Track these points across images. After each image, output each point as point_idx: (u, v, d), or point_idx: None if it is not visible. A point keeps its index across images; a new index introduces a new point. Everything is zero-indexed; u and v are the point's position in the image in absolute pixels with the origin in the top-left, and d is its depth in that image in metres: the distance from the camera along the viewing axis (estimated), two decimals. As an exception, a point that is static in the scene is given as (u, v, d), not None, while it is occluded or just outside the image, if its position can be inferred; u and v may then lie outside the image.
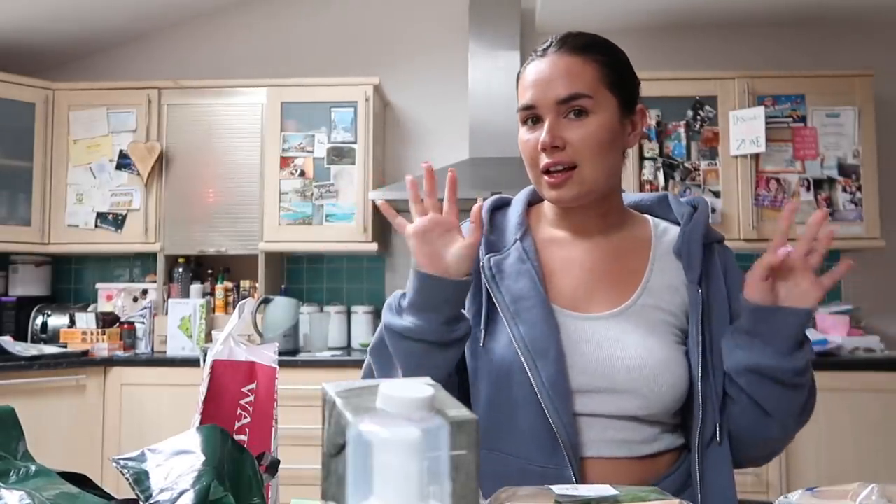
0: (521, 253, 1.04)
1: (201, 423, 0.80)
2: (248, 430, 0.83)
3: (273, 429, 0.83)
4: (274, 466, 0.71)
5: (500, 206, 1.15)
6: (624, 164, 1.07)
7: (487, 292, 1.04)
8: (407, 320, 0.96)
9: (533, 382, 0.97)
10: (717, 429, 0.99)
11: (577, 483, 0.94)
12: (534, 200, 1.14)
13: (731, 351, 0.98)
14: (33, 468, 0.64)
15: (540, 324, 0.98)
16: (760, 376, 0.95)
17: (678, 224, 1.08)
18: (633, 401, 0.97)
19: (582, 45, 1.01)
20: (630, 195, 1.16)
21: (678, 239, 1.05)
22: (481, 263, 1.05)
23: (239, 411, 0.83)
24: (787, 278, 0.94)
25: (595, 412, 0.98)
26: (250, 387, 0.84)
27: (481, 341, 1.03)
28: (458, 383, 1.08)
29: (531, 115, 1.01)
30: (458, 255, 0.95)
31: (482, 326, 1.03)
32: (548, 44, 1.03)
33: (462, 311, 1.00)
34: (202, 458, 0.61)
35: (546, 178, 1.00)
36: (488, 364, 1.03)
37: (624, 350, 0.98)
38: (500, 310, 1.01)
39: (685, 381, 1.00)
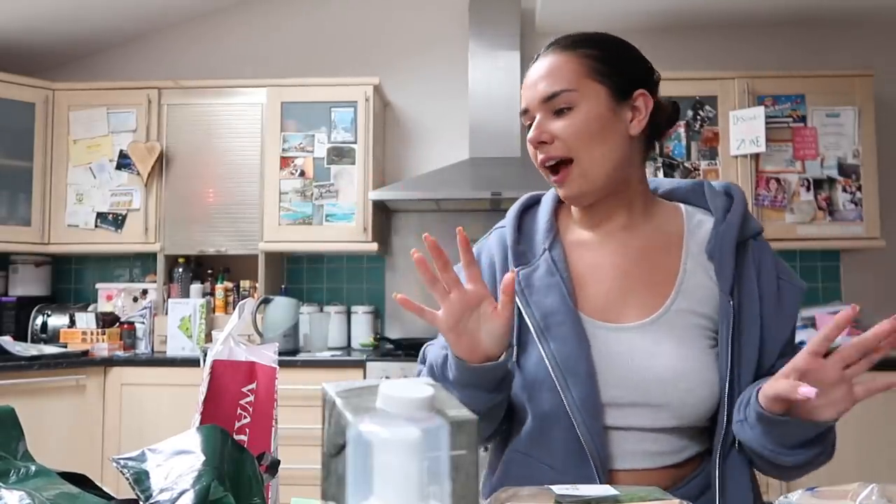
0: (549, 265, 1.02)
1: (201, 422, 0.80)
2: (248, 430, 0.83)
3: (273, 429, 0.83)
4: (274, 466, 0.71)
5: (530, 206, 1.13)
6: (652, 151, 1.07)
7: (518, 307, 1.01)
8: (454, 392, 0.93)
9: (564, 399, 0.96)
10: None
11: None
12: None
13: (735, 415, 0.95)
14: (33, 468, 0.64)
15: (570, 340, 0.97)
16: (757, 456, 0.94)
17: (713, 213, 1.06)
18: (667, 413, 0.96)
19: (569, 42, 1.02)
20: (665, 181, 1.14)
21: (711, 240, 1.02)
22: (514, 279, 1.03)
23: (239, 411, 0.83)
24: (818, 382, 0.82)
25: (628, 425, 0.97)
26: (250, 387, 0.84)
27: (514, 356, 1.02)
28: None
29: (528, 118, 1.02)
30: (494, 336, 0.91)
31: (514, 342, 1.01)
32: (543, 51, 1.04)
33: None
34: (202, 458, 0.61)
35: (551, 176, 1.01)
36: (521, 379, 1.02)
37: (657, 361, 0.96)
38: (530, 326, 1.00)
39: (718, 390, 0.97)
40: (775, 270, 1.01)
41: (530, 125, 1.02)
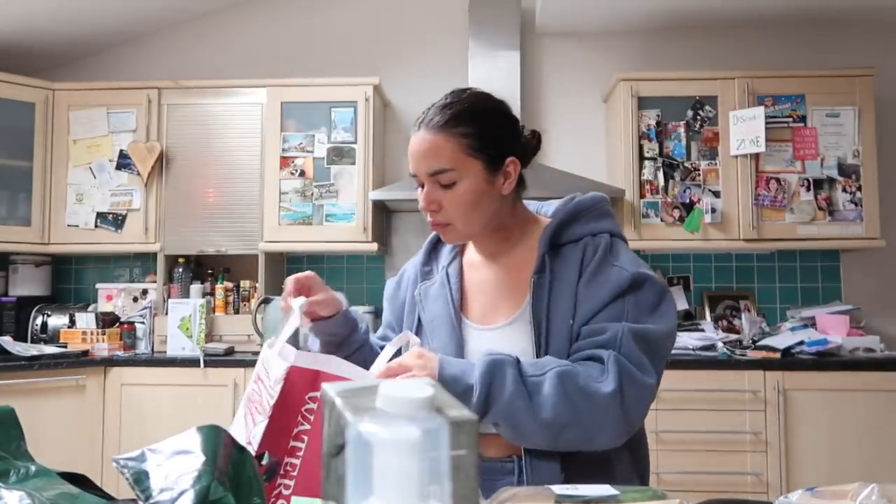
0: (443, 279, 1.27)
1: (268, 427, 0.81)
2: (305, 436, 0.83)
3: None
4: (272, 469, 0.71)
5: None
6: (517, 196, 1.24)
7: (418, 312, 1.29)
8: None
9: None
10: None
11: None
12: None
13: None
14: (33, 468, 0.64)
15: (447, 339, 1.21)
16: None
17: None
18: None
19: (442, 122, 1.15)
20: (552, 204, 1.29)
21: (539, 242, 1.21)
22: (417, 292, 1.30)
23: (299, 418, 0.84)
24: None
25: None
26: (314, 394, 0.85)
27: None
28: None
29: (418, 181, 1.19)
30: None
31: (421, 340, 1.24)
32: (421, 118, 1.20)
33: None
34: (202, 458, 0.62)
35: (435, 227, 1.22)
36: None
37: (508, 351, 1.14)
38: (424, 326, 1.26)
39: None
40: (607, 258, 1.17)
41: (422, 184, 1.19)
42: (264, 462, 0.69)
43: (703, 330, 3.17)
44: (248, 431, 0.83)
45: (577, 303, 1.14)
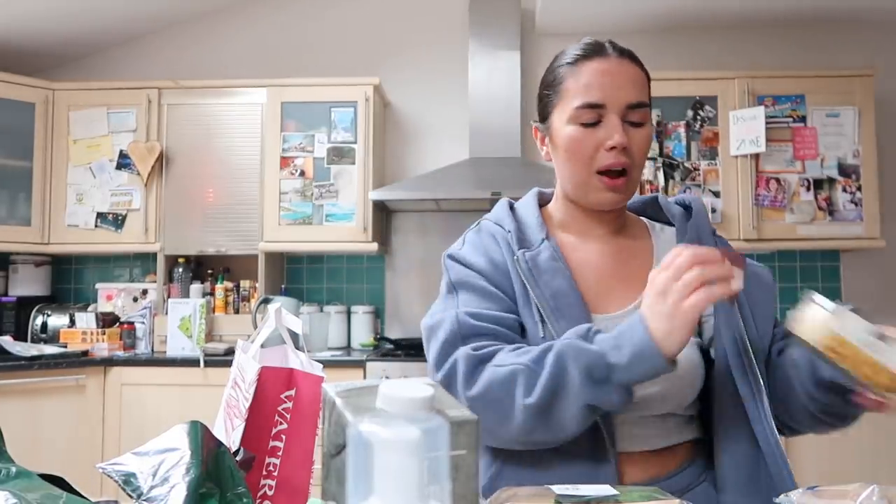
0: (552, 251, 1.04)
1: (246, 429, 0.81)
2: (284, 436, 0.83)
3: (317, 436, 0.83)
4: (247, 462, 0.72)
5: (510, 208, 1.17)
6: None
7: (525, 287, 1.02)
8: (616, 393, 0.89)
9: None
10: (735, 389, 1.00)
11: (615, 476, 0.96)
12: (541, 204, 1.16)
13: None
14: (14, 469, 0.64)
15: (581, 321, 0.97)
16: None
17: (670, 224, 1.13)
18: (659, 399, 0.99)
19: (636, 58, 1.06)
20: None
21: (688, 232, 1.09)
22: (515, 257, 1.03)
23: (277, 417, 0.84)
24: None
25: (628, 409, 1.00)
26: (289, 393, 0.85)
27: (541, 334, 1.00)
28: None
29: (594, 114, 1.01)
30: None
31: (538, 321, 1.00)
32: (598, 44, 1.04)
33: None
34: (188, 452, 0.63)
35: (604, 179, 1.02)
36: None
37: None
38: (538, 306, 1.00)
39: (702, 376, 1.02)
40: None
41: (582, 119, 1.01)
42: (239, 457, 0.71)
43: (703, 330, 3.17)
44: (228, 437, 0.84)
45: (749, 305, 1.03)
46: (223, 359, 3.02)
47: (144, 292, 3.45)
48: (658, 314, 0.86)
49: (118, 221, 3.37)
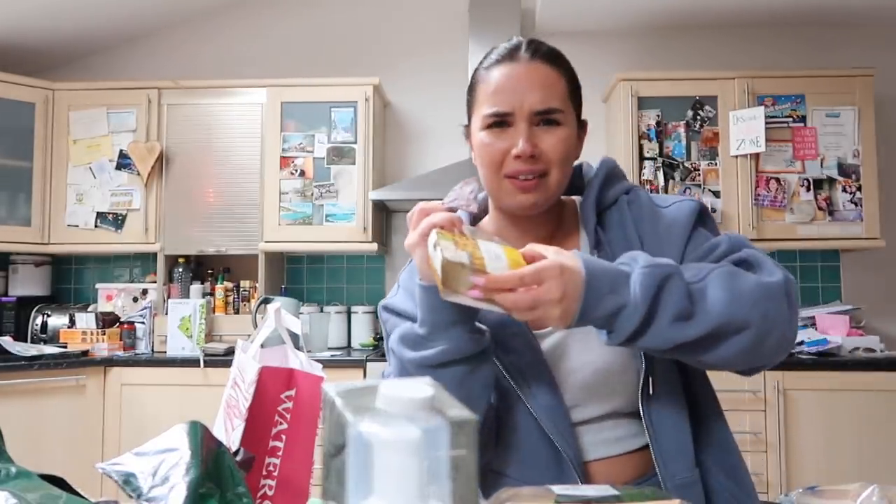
0: None
1: (246, 429, 0.81)
2: (284, 435, 0.83)
3: (318, 435, 0.83)
4: (247, 462, 0.72)
5: None
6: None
7: None
8: (436, 346, 0.92)
9: (529, 406, 0.97)
10: (650, 382, 0.96)
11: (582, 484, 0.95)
12: (477, 218, 1.13)
13: None
14: (14, 469, 0.64)
15: (526, 351, 0.98)
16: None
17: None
18: (616, 398, 0.99)
19: (554, 55, 1.01)
20: None
21: (582, 215, 1.05)
22: None
23: (277, 417, 0.84)
24: None
25: (587, 418, 1.00)
26: (289, 393, 0.85)
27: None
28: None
29: (502, 121, 0.99)
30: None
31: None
32: (514, 47, 1.01)
33: (476, 321, 0.94)
34: (188, 452, 0.63)
35: (514, 182, 0.99)
36: None
37: (594, 354, 0.98)
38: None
39: (638, 369, 0.98)
40: (655, 208, 1.03)
41: (492, 126, 0.99)
42: (239, 457, 0.70)
43: (703, 330, 3.16)
44: (228, 437, 0.84)
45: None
46: (223, 359, 3.02)
47: (144, 292, 3.46)
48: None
49: (118, 221, 3.37)
